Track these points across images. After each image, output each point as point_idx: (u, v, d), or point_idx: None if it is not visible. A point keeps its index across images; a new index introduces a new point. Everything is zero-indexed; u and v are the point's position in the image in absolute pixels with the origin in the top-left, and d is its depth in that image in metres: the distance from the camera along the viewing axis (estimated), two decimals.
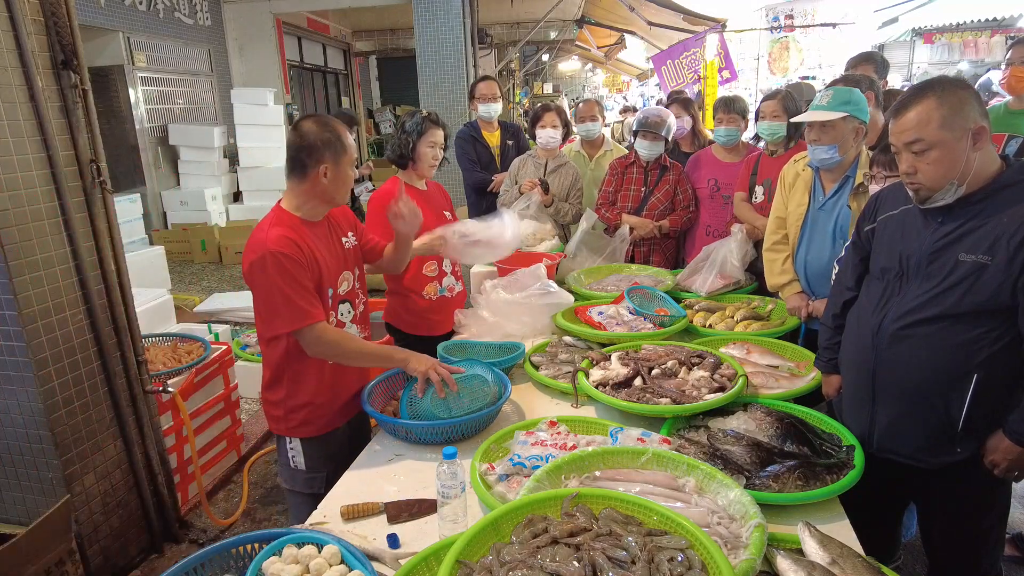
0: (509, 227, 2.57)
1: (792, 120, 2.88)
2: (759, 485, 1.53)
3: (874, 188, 2.19)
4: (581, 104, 4.23)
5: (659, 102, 11.39)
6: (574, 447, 1.66)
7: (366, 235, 2.29)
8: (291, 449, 2.06)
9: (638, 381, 2.05)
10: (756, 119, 3.32)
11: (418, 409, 1.95)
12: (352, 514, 1.59)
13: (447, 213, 2.90)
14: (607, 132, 5.40)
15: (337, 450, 2.07)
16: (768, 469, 1.58)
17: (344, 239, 2.12)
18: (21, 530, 2.12)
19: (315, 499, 1.73)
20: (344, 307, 2.09)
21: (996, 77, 4.62)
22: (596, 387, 2.03)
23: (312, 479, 2.06)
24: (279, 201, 2.00)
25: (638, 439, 1.67)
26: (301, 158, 1.91)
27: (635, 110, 11.41)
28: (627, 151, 3.78)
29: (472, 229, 2.53)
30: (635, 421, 1.89)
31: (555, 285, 2.73)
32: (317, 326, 1.87)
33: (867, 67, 3.44)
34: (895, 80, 9.92)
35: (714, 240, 3.20)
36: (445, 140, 2.80)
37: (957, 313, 1.62)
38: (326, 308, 1.98)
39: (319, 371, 2.01)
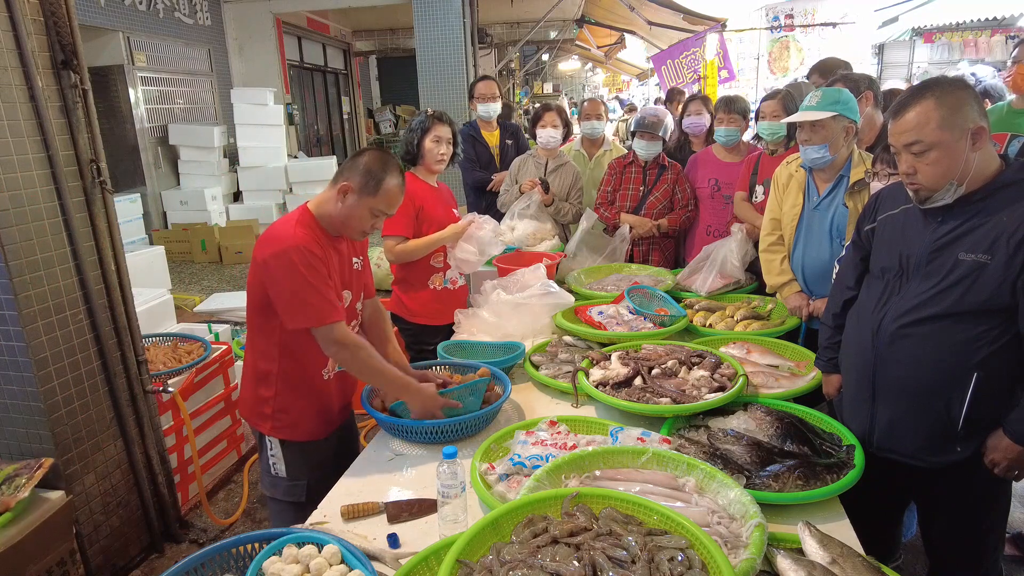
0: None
1: (782, 121, 2.88)
2: (759, 485, 1.53)
3: (877, 185, 2.19)
4: (586, 103, 4.26)
5: (657, 100, 11.40)
6: (574, 447, 1.66)
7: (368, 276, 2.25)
8: (272, 456, 2.02)
9: (638, 381, 2.05)
10: (756, 119, 3.32)
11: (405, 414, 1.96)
12: (352, 514, 1.59)
13: (455, 210, 3.00)
14: (610, 130, 5.42)
15: (320, 459, 2.03)
16: (768, 469, 1.58)
17: (355, 259, 2.09)
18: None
19: (296, 507, 1.68)
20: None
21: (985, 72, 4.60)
22: (596, 387, 2.03)
23: (293, 487, 2.02)
24: (307, 201, 1.98)
25: (638, 439, 1.67)
26: (344, 168, 1.91)
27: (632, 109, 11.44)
28: (627, 151, 3.78)
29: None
30: (635, 421, 1.89)
31: (556, 286, 2.74)
32: (340, 325, 1.84)
33: (816, 76, 3.52)
34: (894, 79, 9.91)
35: (714, 240, 3.21)
36: (454, 137, 2.87)
37: (957, 312, 1.62)
38: None
39: (312, 374, 1.98)
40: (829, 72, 3.41)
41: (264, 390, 1.98)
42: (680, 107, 6.26)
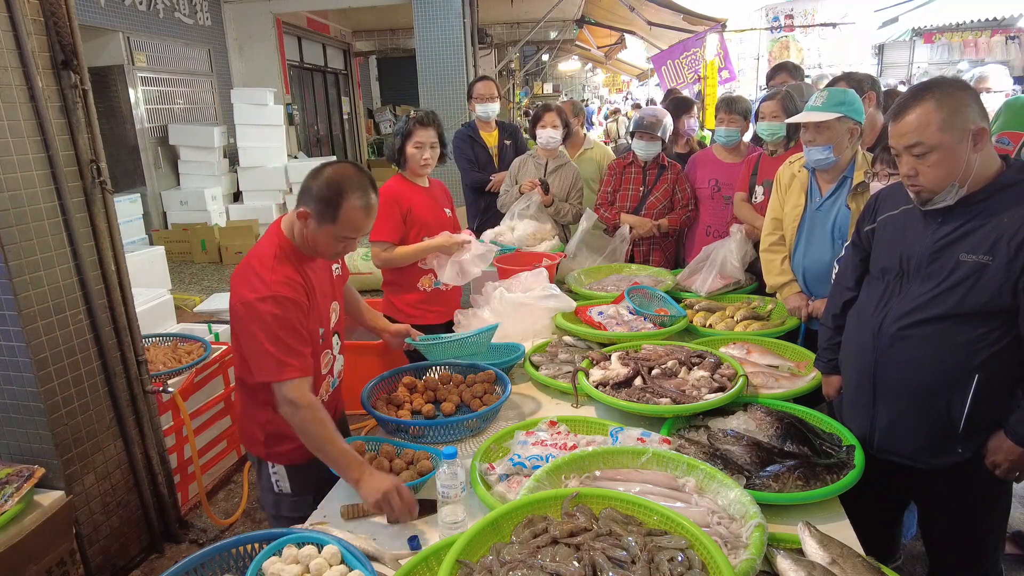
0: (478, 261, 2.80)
1: (786, 121, 2.88)
2: (759, 485, 1.53)
3: (877, 186, 2.19)
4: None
5: (650, 102, 11.41)
6: (574, 447, 1.66)
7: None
8: (274, 474, 1.91)
9: (638, 381, 2.05)
10: (755, 119, 3.32)
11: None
12: (352, 514, 1.59)
13: (447, 211, 2.95)
14: (599, 131, 5.41)
15: (324, 470, 1.84)
16: (768, 469, 1.58)
17: (334, 266, 2.00)
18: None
19: (302, 523, 1.63)
20: (335, 339, 1.99)
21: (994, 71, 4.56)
22: (596, 387, 2.03)
23: (299, 502, 1.90)
24: (279, 219, 1.85)
25: (638, 439, 1.67)
26: (303, 189, 1.74)
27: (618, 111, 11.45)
28: (611, 150, 3.77)
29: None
30: (635, 421, 1.89)
31: (557, 289, 2.74)
32: (295, 383, 1.66)
33: (783, 75, 3.54)
34: (892, 79, 9.92)
35: (714, 240, 3.21)
36: (441, 138, 2.81)
37: (958, 314, 1.62)
38: (317, 349, 1.85)
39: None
40: (797, 71, 3.46)
41: (257, 413, 1.86)
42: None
